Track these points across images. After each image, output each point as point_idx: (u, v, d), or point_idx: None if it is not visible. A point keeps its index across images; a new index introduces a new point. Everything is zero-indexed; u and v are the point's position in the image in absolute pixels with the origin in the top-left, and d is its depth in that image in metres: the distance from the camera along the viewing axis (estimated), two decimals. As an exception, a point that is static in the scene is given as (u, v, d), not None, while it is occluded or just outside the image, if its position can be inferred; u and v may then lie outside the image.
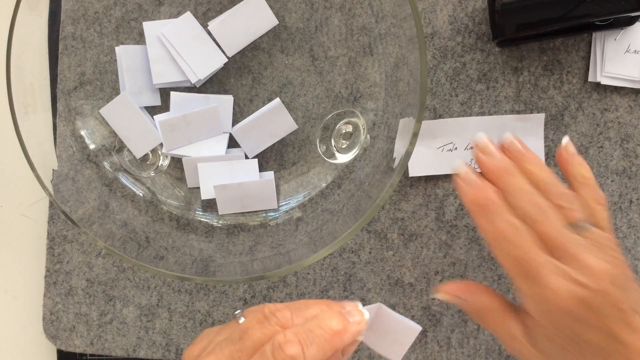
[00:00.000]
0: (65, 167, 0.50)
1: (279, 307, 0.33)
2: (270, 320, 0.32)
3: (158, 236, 0.51)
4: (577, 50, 0.52)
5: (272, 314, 0.32)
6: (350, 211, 0.48)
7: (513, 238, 0.35)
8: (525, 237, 0.35)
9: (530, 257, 0.34)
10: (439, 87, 0.53)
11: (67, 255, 0.55)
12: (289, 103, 0.52)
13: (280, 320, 0.32)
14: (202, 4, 0.51)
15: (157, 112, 0.51)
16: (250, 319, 0.33)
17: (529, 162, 0.38)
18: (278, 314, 0.32)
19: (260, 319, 0.32)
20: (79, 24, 0.51)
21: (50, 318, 0.55)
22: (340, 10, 0.51)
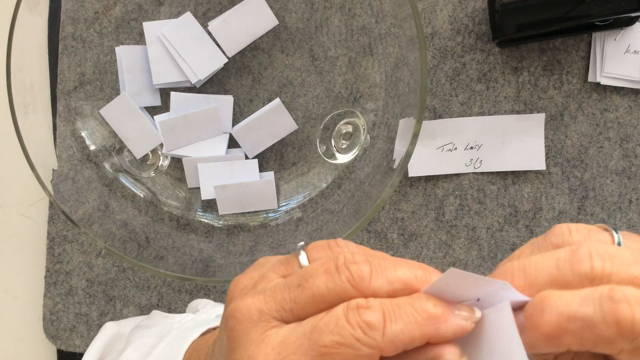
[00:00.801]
0: (65, 167, 0.50)
1: (358, 259, 0.25)
2: (341, 273, 0.24)
3: (158, 236, 0.51)
4: (577, 50, 0.52)
5: (346, 267, 0.25)
6: (350, 211, 0.48)
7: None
8: None
9: None
10: (439, 87, 0.53)
11: (67, 255, 0.55)
12: (289, 103, 0.52)
13: (354, 278, 0.24)
14: (202, 4, 0.51)
15: (157, 113, 0.51)
16: (316, 264, 0.26)
17: None
18: (353, 269, 0.24)
19: (330, 268, 0.25)
20: (79, 24, 0.51)
21: (50, 318, 0.55)
22: (340, 10, 0.51)
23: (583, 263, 0.23)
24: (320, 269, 0.25)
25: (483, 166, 0.53)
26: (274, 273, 0.27)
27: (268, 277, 0.27)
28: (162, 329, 0.39)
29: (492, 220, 0.54)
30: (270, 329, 0.25)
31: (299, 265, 0.27)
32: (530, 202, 0.54)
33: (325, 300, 0.24)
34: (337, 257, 0.25)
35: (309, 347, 0.24)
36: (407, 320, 0.23)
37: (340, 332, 0.23)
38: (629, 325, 0.21)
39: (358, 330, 0.23)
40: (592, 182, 0.53)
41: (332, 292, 0.24)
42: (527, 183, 0.53)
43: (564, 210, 0.54)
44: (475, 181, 0.53)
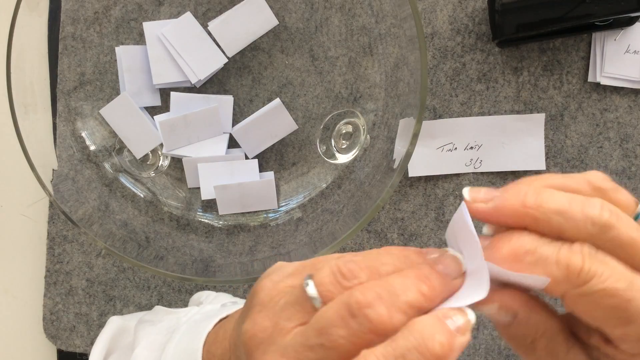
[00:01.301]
0: (65, 167, 0.50)
1: (369, 299, 0.24)
2: (360, 320, 0.24)
3: (158, 236, 0.51)
4: (577, 50, 0.52)
5: (361, 311, 0.24)
6: (350, 211, 0.48)
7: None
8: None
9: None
10: (439, 87, 0.53)
11: (67, 255, 0.55)
12: (289, 103, 0.52)
13: (375, 326, 0.24)
14: (202, 4, 0.51)
15: (157, 113, 0.51)
16: (330, 313, 0.24)
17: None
18: (371, 314, 0.24)
19: (345, 315, 0.24)
20: (79, 24, 0.51)
21: (50, 318, 0.55)
22: (340, 10, 0.51)
23: (594, 208, 0.24)
24: (336, 320, 0.24)
25: (483, 166, 0.53)
26: (289, 321, 0.25)
27: (283, 327, 0.25)
28: (169, 325, 0.38)
29: (492, 220, 0.54)
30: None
31: (312, 304, 0.25)
32: (530, 202, 0.54)
33: (351, 352, 0.24)
34: (349, 300, 0.24)
35: None
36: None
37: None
38: (577, 271, 0.24)
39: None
40: (592, 182, 0.53)
41: (356, 345, 0.24)
42: (527, 183, 0.53)
43: (564, 210, 0.54)
44: (475, 181, 0.53)
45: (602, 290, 0.23)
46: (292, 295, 0.26)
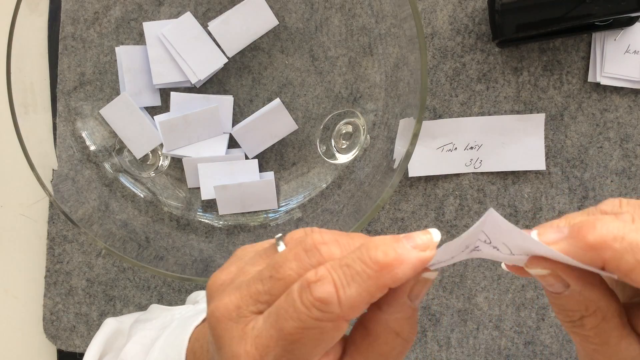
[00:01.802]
0: (65, 167, 0.50)
1: (326, 239, 0.25)
2: (311, 255, 0.24)
3: (158, 236, 0.51)
4: (577, 50, 0.52)
5: (316, 248, 0.24)
6: (350, 211, 0.48)
7: None
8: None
9: None
10: (439, 87, 0.53)
11: (67, 255, 0.55)
12: (289, 103, 0.52)
13: (323, 257, 0.24)
14: (202, 4, 0.51)
15: (157, 113, 0.51)
16: (287, 250, 0.25)
17: None
18: (323, 249, 0.24)
19: (299, 253, 0.24)
20: (79, 24, 0.51)
21: (50, 318, 0.55)
22: (340, 10, 0.51)
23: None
24: (289, 256, 0.25)
25: (483, 166, 0.53)
26: (252, 267, 0.27)
27: (246, 271, 0.27)
28: (162, 322, 0.38)
29: (492, 220, 0.54)
30: (248, 324, 0.25)
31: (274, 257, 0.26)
32: (530, 202, 0.54)
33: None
34: (305, 240, 0.25)
35: (278, 336, 0.24)
36: (360, 279, 0.23)
37: (299, 317, 0.23)
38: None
39: (314, 311, 0.23)
40: (592, 182, 0.53)
41: (301, 276, 0.24)
42: (527, 183, 0.53)
43: (564, 211, 0.54)
44: (475, 181, 0.53)
45: None
46: (263, 250, 0.27)
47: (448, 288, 0.54)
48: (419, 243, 0.24)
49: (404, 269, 0.23)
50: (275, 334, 0.24)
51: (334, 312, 0.23)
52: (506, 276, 0.54)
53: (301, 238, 0.26)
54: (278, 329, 0.23)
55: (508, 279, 0.54)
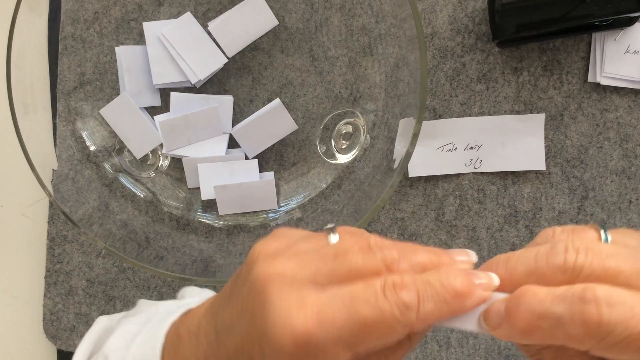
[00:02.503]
0: (65, 168, 0.50)
1: (386, 243, 0.27)
2: (375, 253, 0.26)
3: (158, 236, 0.51)
4: (577, 50, 0.52)
5: (379, 248, 0.26)
6: (350, 211, 0.48)
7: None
8: None
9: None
10: (439, 88, 0.53)
11: (67, 256, 0.55)
12: (289, 103, 0.52)
13: (386, 258, 0.26)
14: (202, 4, 0.51)
15: (157, 113, 0.51)
16: (350, 241, 0.27)
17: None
18: (385, 251, 0.26)
19: (364, 247, 0.26)
20: (79, 24, 0.51)
21: (50, 318, 0.55)
22: (340, 10, 0.51)
23: (558, 256, 0.25)
24: (355, 247, 0.26)
25: (483, 166, 0.53)
26: (306, 244, 0.27)
27: (299, 247, 0.27)
28: (147, 316, 0.38)
29: (492, 220, 0.54)
30: (307, 294, 0.25)
31: (328, 243, 0.27)
32: (530, 202, 0.54)
33: (361, 275, 0.25)
34: (368, 239, 0.27)
35: (348, 316, 0.24)
36: (438, 299, 0.25)
37: (381, 309, 0.24)
38: (595, 326, 0.22)
39: (395, 309, 0.24)
40: (592, 182, 0.53)
41: (367, 268, 0.25)
42: (527, 183, 0.53)
43: (564, 210, 0.54)
44: (475, 181, 0.53)
45: (627, 337, 0.22)
46: (313, 234, 0.28)
47: (448, 288, 0.54)
48: (485, 282, 0.26)
49: (471, 302, 0.25)
50: (346, 314, 0.24)
51: (410, 319, 0.24)
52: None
53: (359, 233, 0.28)
54: (352, 312, 0.24)
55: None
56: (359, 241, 0.27)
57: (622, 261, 0.24)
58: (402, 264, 0.26)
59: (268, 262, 0.26)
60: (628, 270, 0.24)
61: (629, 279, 0.24)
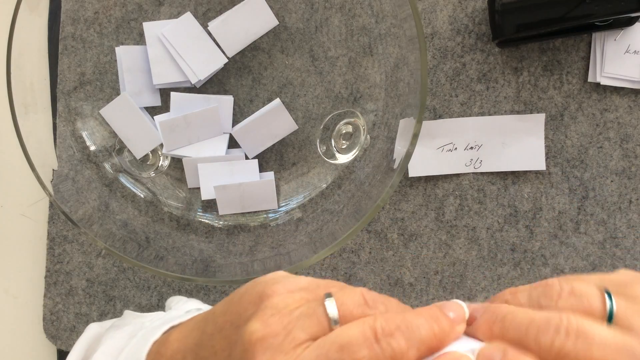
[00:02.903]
0: (65, 168, 0.50)
1: (392, 327, 0.25)
2: (383, 347, 0.25)
3: (158, 236, 0.51)
4: (577, 50, 0.52)
5: (385, 338, 0.25)
6: (350, 212, 0.48)
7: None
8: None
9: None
10: (439, 88, 0.53)
11: (67, 256, 0.55)
12: (289, 103, 0.52)
13: (395, 352, 0.25)
14: (202, 4, 0.51)
15: (157, 113, 0.51)
16: (354, 330, 0.25)
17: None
18: (393, 343, 0.25)
19: (369, 337, 0.25)
20: (79, 24, 0.51)
21: (50, 318, 0.55)
22: (340, 10, 0.51)
23: (547, 334, 0.25)
24: (359, 339, 0.25)
25: (483, 166, 0.53)
26: (303, 332, 0.26)
27: (296, 337, 0.25)
28: (132, 329, 0.38)
29: (492, 220, 0.54)
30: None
31: (328, 321, 0.26)
32: (530, 202, 0.54)
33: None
34: (374, 324, 0.25)
35: None
36: None
37: None
38: None
39: None
40: (592, 182, 0.53)
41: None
42: (527, 183, 0.53)
43: (564, 211, 0.54)
44: (475, 181, 0.53)
45: None
46: (309, 308, 0.26)
47: (448, 288, 0.54)
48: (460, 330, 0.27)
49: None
50: None
51: None
52: (506, 276, 0.54)
53: (360, 312, 0.26)
54: None
55: (508, 279, 0.54)
56: (363, 329, 0.25)
57: (611, 358, 0.24)
58: (410, 352, 0.25)
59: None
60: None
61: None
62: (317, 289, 0.28)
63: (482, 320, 0.27)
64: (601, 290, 0.26)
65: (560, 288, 0.27)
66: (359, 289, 0.27)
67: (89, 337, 0.40)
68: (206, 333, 0.29)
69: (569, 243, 0.54)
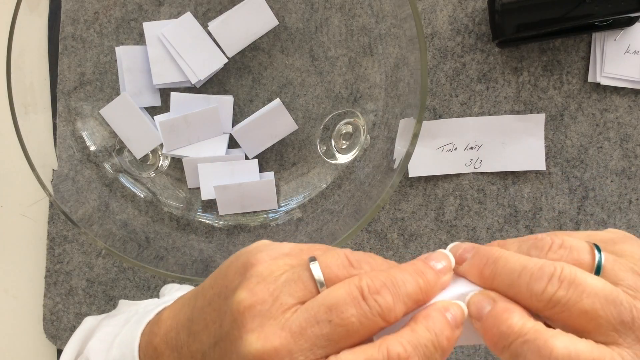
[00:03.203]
0: (65, 168, 0.50)
1: (377, 285, 0.25)
2: (370, 304, 0.25)
3: (158, 236, 0.51)
4: (577, 50, 0.52)
5: (372, 295, 0.25)
6: (350, 212, 0.48)
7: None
8: None
9: None
10: (439, 88, 0.53)
11: (67, 256, 0.55)
12: (289, 103, 0.52)
13: (383, 311, 0.25)
14: (202, 4, 0.51)
15: (157, 113, 0.51)
16: (340, 291, 0.25)
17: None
18: (380, 300, 0.25)
19: (356, 296, 0.25)
20: (79, 24, 0.51)
21: (50, 318, 0.55)
22: (340, 10, 0.51)
23: (540, 282, 0.25)
24: (346, 298, 0.25)
25: (483, 166, 0.53)
26: (290, 297, 0.26)
27: (284, 302, 0.25)
28: (127, 317, 0.38)
29: (492, 220, 0.54)
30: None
31: (315, 284, 0.26)
32: (530, 202, 0.54)
33: (358, 334, 0.25)
34: (360, 283, 0.25)
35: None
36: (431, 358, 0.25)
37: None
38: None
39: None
40: (592, 182, 0.53)
41: (365, 326, 0.25)
42: (527, 183, 0.53)
43: (564, 211, 0.54)
44: (475, 181, 0.53)
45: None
46: (294, 273, 0.26)
47: (448, 288, 0.54)
48: (457, 318, 0.26)
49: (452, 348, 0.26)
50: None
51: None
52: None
53: (346, 273, 0.26)
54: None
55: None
56: (349, 288, 0.25)
57: (599, 306, 0.24)
58: (397, 308, 0.25)
59: (257, 334, 0.25)
60: (603, 318, 0.24)
61: (599, 329, 0.24)
62: (301, 253, 0.28)
63: (473, 262, 0.27)
64: (590, 245, 0.27)
65: (551, 241, 0.27)
66: (342, 250, 0.27)
67: (85, 330, 0.40)
68: (196, 307, 0.29)
69: (569, 243, 0.54)
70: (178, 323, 0.30)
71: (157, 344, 0.31)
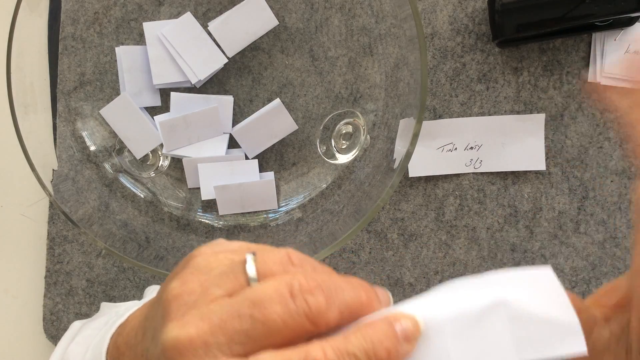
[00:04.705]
0: (65, 168, 0.50)
1: (311, 285, 0.24)
2: (298, 303, 0.23)
3: (158, 236, 0.51)
4: (577, 50, 0.52)
5: (303, 298, 0.23)
6: (350, 212, 0.48)
7: None
8: None
9: None
10: (439, 88, 0.53)
11: (67, 256, 0.55)
12: (289, 103, 0.52)
13: (311, 311, 0.23)
14: (202, 4, 0.51)
15: (157, 113, 0.51)
16: (269, 288, 0.24)
17: None
18: (310, 301, 0.23)
19: (284, 295, 0.23)
20: (79, 24, 0.51)
21: (50, 318, 0.55)
22: (340, 10, 0.51)
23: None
24: (273, 295, 0.23)
25: (483, 166, 0.53)
26: (219, 288, 0.25)
27: (210, 293, 0.24)
28: (107, 319, 0.37)
29: (492, 220, 0.54)
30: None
31: (247, 279, 0.25)
32: (530, 202, 0.54)
33: (281, 334, 0.23)
34: (291, 280, 0.24)
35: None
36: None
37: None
38: None
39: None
40: (592, 182, 0.53)
41: (288, 326, 0.23)
42: (527, 183, 0.53)
43: (564, 211, 0.54)
44: (475, 181, 0.53)
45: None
46: (229, 267, 0.25)
47: (448, 288, 0.54)
48: (407, 331, 0.24)
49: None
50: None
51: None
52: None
53: (282, 270, 0.25)
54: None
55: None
56: (279, 286, 0.24)
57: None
58: (330, 313, 0.24)
59: (176, 322, 0.24)
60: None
61: None
62: (248, 250, 0.27)
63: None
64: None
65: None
66: (285, 249, 0.26)
67: (71, 335, 0.40)
68: (153, 304, 0.28)
69: (569, 243, 0.54)
70: (138, 322, 0.30)
71: (120, 344, 0.31)
